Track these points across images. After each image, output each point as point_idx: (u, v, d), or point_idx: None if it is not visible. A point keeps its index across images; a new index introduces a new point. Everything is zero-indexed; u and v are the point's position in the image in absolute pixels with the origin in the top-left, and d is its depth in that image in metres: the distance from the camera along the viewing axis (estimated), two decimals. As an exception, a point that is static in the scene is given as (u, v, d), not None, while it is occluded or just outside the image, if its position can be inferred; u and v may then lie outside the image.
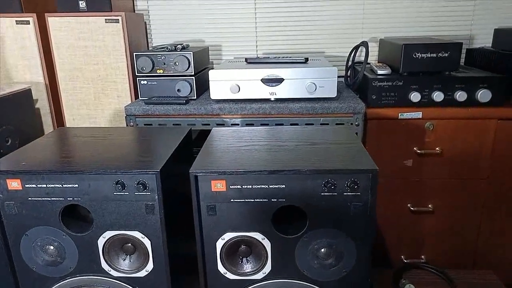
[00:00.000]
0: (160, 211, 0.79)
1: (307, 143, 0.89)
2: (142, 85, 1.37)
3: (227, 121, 1.31)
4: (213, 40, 1.76)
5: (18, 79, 1.48)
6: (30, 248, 0.84)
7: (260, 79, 1.30)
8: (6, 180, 0.80)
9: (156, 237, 0.81)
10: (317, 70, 1.28)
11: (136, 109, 1.31)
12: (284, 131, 1.00)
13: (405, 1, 1.65)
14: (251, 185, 0.77)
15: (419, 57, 1.30)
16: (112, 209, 0.80)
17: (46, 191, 0.80)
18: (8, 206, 0.81)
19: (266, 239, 0.80)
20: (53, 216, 0.82)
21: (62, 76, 1.48)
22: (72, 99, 1.50)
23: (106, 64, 1.46)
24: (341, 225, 0.78)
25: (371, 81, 1.32)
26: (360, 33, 1.71)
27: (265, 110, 1.28)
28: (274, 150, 0.86)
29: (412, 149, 1.34)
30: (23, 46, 1.45)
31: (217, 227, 0.80)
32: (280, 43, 1.74)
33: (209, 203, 0.78)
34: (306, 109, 1.27)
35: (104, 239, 0.82)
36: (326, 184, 0.75)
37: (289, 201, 0.77)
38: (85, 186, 0.79)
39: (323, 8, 1.68)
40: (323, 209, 0.77)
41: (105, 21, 1.41)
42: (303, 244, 0.80)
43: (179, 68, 1.35)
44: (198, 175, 0.76)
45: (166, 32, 1.75)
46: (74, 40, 1.43)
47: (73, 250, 0.84)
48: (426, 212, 1.40)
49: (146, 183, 0.78)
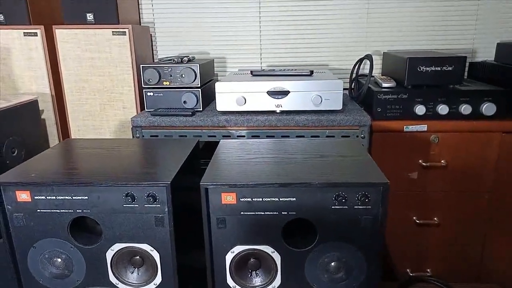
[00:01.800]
0: (170, 223, 0.79)
1: (316, 156, 0.89)
2: (148, 97, 1.38)
3: (233, 133, 1.31)
4: (218, 52, 1.78)
5: (24, 90, 1.49)
6: (37, 261, 0.84)
7: (266, 92, 1.31)
8: (15, 192, 0.79)
9: (165, 249, 0.81)
10: (322, 83, 1.29)
11: (143, 121, 1.32)
12: (291, 144, 1.00)
13: (408, 15, 1.67)
14: (262, 197, 0.77)
15: (424, 70, 1.31)
16: (121, 221, 0.80)
17: (56, 203, 0.80)
18: (16, 218, 0.81)
19: (276, 252, 0.80)
20: (62, 228, 0.81)
21: (68, 87, 1.48)
22: (77, 110, 1.51)
23: (112, 75, 1.47)
24: (351, 239, 0.78)
25: (376, 94, 1.33)
26: (363, 46, 1.73)
27: (271, 122, 1.29)
28: (283, 162, 0.86)
29: (417, 162, 1.34)
30: (30, 57, 1.46)
31: (227, 240, 0.79)
32: (284, 56, 1.76)
33: (219, 215, 0.78)
34: (312, 122, 1.27)
35: (113, 251, 0.82)
36: (337, 197, 0.75)
37: (299, 214, 0.77)
38: (95, 198, 0.79)
39: (327, 21, 1.70)
40: (333, 223, 0.77)
41: (112, 33, 1.43)
42: (313, 258, 0.80)
43: (185, 80, 1.36)
44: (209, 187, 0.76)
45: (171, 44, 1.77)
46: (81, 51, 1.45)
47: (81, 262, 0.83)
48: (432, 225, 1.40)
49: (156, 195, 0.78)
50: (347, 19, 1.69)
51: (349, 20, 1.70)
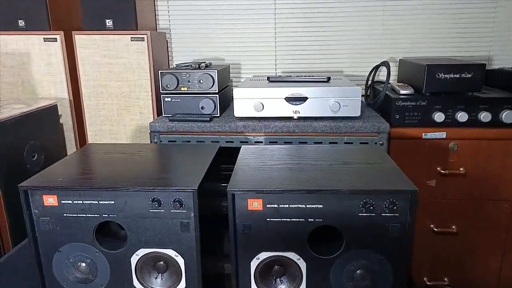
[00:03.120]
0: (196, 229, 0.79)
1: (340, 163, 0.89)
2: (166, 102, 1.39)
3: (251, 139, 1.31)
4: (233, 58, 1.78)
5: (43, 95, 1.50)
6: (62, 265, 0.84)
7: (284, 98, 1.31)
8: (42, 196, 0.80)
9: (190, 255, 0.81)
10: (341, 89, 1.29)
11: (161, 126, 1.32)
12: (314, 150, 1.00)
13: (423, 22, 1.67)
14: (288, 204, 0.76)
15: (442, 77, 1.31)
16: (146, 226, 0.80)
17: (82, 207, 0.80)
18: (43, 222, 0.81)
19: (301, 260, 0.79)
20: (87, 233, 0.81)
21: (86, 93, 1.50)
22: (95, 115, 1.52)
23: (130, 81, 1.48)
24: (378, 247, 0.77)
25: (394, 101, 1.32)
26: (378, 53, 1.73)
27: (289, 128, 1.29)
28: (308, 169, 0.86)
29: (435, 169, 1.33)
30: (50, 62, 1.48)
31: (252, 246, 0.79)
32: (299, 62, 1.77)
33: (245, 222, 0.78)
34: (330, 128, 1.27)
35: (137, 256, 0.82)
36: (364, 204, 0.75)
37: (326, 221, 0.77)
38: (121, 203, 0.79)
39: (342, 28, 1.71)
40: (360, 230, 0.77)
41: (131, 39, 1.44)
42: (339, 266, 0.79)
43: (203, 86, 1.36)
44: (235, 193, 0.76)
45: (186, 50, 1.78)
46: (99, 57, 1.46)
47: (105, 267, 0.83)
48: (449, 233, 1.39)
49: (183, 200, 0.78)
50: (362, 26, 1.70)
51: (364, 27, 1.70)
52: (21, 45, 1.46)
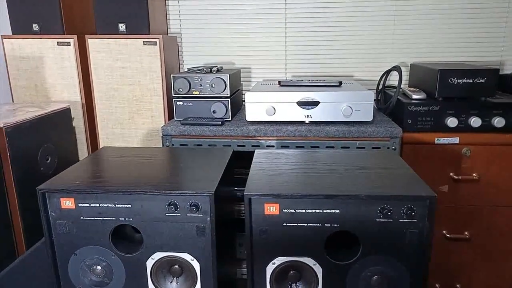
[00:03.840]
0: (212, 233, 0.79)
1: (356, 168, 0.88)
2: (178, 106, 1.39)
3: (262, 143, 1.31)
4: (243, 62, 1.79)
5: (56, 98, 1.52)
6: (78, 268, 0.84)
7: (296, 102, 1.31)
8: (60, 199, 0.80)
9: (206, 259, 0.81)
10: (353, 94, 1.28)
11: (173, 130, 1.33)
12: (328, 154, 1.00)
13: (435, 26, 1.67)
14: (305, 209, 0.76)
15: (455, 82, 1.30)
16: (162, 230, 0.80)
17: (99, 210, 0.80)
18: (60, 224, 0.82)
19: (317, 265, 0.79)
20: (103, 236, 0.82)
21: (99, 96, 1.51)
22: (107, 119, 1.53)
23: (142, 84, 1.49)
24: (396, 253, 0.77)
25: (406, 106, 1.32)
26: (388, 57, 1.72)
27: (301, 132, 1.29)
28: (324, 174, 0.85)
29: (448, 175, 1.33)
30: (63, 66, 1.49)
31: (268, 251, 0.79)
32: (309, 67, 1.77)
33: (261, 226, 0.78)
34: (343, 133, 1.27)
35: (153, 260, 0.82)
36: (382, 210, 0.74)
37: (343, 226, 0.76)
38: (138, 206, 0.80)
39: (352, 33, 1.71)
40: (378, 236, 0.76)
41: (143, 43, 1.45)
42: (355, 271, 0.79)
43: (215, 90, 1.37)
44: (252, 197, 0.76)
45: (196, 54, 1.79)
46: (112, 61, 1.47)
47: (120, 271, 0.83)
48: (462, 240, 1.37)
49: (199, 204, 0.78)
50: (372, 31, 1.70)
51: (374, 31, 1.70)
52: (35, 49, 1.48)
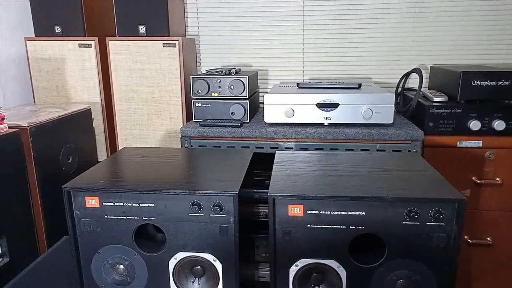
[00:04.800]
0: (235, 234, 0.78)
1: (379, 170, 0.87)
2: (197, 108, 1.40)
3: (281, 145, 1.31)
4: (260, 64, 1.79)
5: (76, 99, 1.54)
6: (100, 267, 0.85)
7: (315, 104, 1.30)
8: (85, 198, 0.81)
9: (228, 260, 0.80)
10: (373, 96, 1.27)
11: (191, 131, 1.33)
12: (349, 156, 0.99)
13: (454, 28, 1.64)
14: (330, 211, 0.75)
15: (478, 85, 1.28)
16: (185, 230, 0.80)
17: (123, 209, 0.81)
18: (84, 223, 0.82)
19: (341, 268, 0.78)
20: (127, 235, 0.82)
21: (118, 97, 1.52)
22: (126, 120, 1.54)
23: (161, 86, 1.50)
24: (422, 257, 0.75)
25: (428, 108, 1.30)
26: (407, 60, 1.70)
27: (320, 134, 1.28)
28: (348, 175, 0.84)
29: (470, 179, 1.30)
30: (84, 67, 1.51)
31: (292, 252, 0.78)
32: (327, 69, 1.76)
33: (285, 227, 0.77)
34: (362, 135, 1.26)
35: (176, 260, 0.82)
36: (409, 212, 0.73)
37: (368, 229, 0.75)
38: (161, 206, 0.80)
39: (371, 35, 1.69)
40: (404, 239, 0.75)
41: (163, 45, 1.46)
42: (380, 275, 0.77)
43: (234, 92, 1.37)
44: (276, 198, 0.76)
45: (214, 56, 1.80)
46: (132, 63, 1.49)
47: (143, 270, 0.83)
48: (484, 245, 1.34)
49: (223, 205, 0.78)
50: (391, 33, 1.68)
51: (393, 34, 1.68)
52: (57, 51, 1.50)
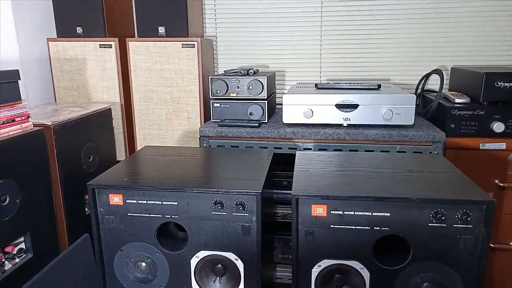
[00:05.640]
0: (258, 233, 0.78)
1: (403, 171, 0.86)
2: (215, 108, 1.40)
3: (299, 145, 1.30)
4: (277, 65, 1.79)
5: (97, 99, 1.56)
6: (123, 264, 0.85)
7: (334, 105, 1.29)
8: (109, 195, 0.82)
9: (250, 259, 0.80)
10: (394, 97, 1.26)
11: (210, 131, 1.34)
12: (372, 157, 0.98)
13: (475, 28, 1.62)
14: (354, 211, 0.75)
15: (501, 86, 1.26)
16: (208, 228, 0.80)
17: (146, 207, 0.81)
18: (107, 220, 0.83)
19: (365, 269, 0.77)
20: (149, 233, 0.83)
21: (137, 98, 1.54)
22: (144, 119, 1.56)
23: (179, 86, 1.51)
24: (448, 260, 0.74)
25: (449, 110, 1.28)
26: (425, 61, 1.68)
27: (339, 135, 1.27)
28: (370, 176, 0.84)
29: (493, 182, 1.27)
30: (104, 68, 1.53)
31: (314, 253, 0.78)
32: (344, 70, 1.75)
33: (308, 227, 0.77)
34: (382, 136, 1.24)
35: (197, 258, 0.82)
36: (435, 214, 0.72)
37: (393, 230, 0.74)
38: (184, 204, 0.80)
39: (389, 36, 1.68)
40: (429, 241, 0.74)
41: (182, 46, 1.47)
42: (405, 277, 0.76)
43: (252, 92, 1.37)
44: (299, 198, 0.75)
45: (231, 57, 1.80)
46: (151, 63, 1.50)
47: (165, 268, 0.84)
48: (507, 250, 1.31)
49: (245, 204, 0.78)
50: (410, 33, 1.66)
51: (412, 34, 1.66)
52: (78, 51, 1.53)
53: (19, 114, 0.98)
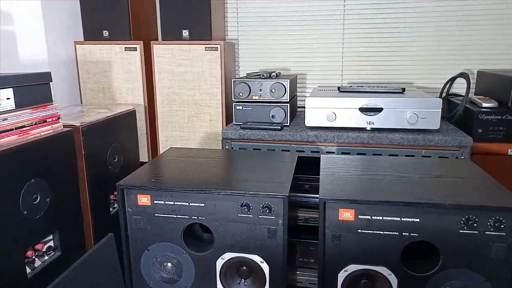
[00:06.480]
0: (284, 236, 0.78)
1: (432, 176, 0.85)
2: (238, 110, 1.41)
3: (322, 149, 1.30)
4: (297, 68, 1.79)
5: (121, 101, 1.59)
6: (149, 264, 0.87)
7: (357, 108, 1.28)
8: (137, 196, 0.83)
9: (276, 262, 0.80)
10: (419, 101, 1.24)
11: (232, 133, 1.34)
12: (398, 162, 0.97)
13: (501, 31, 1.58)
14: (382, 216, 0.74)
15: (532, 90, 1.22)
16: (234, 230, 0.81)
17: (173, 208, 0.82)
18: (135, 220, 0.85)
19: (392, 275, 0.76)
20: (176, 234, 0.83)
21: (160, 100, 1.56)
22: (167, 121, 1.58)
23: (202, 89, 1.52)
24: (480, 268, 0.72)
25: (476, 114, 1.25)
26: (450, 64, 1.65)
27: (362, 139, 1.26)
28: (398, 181, 0.82)
29: (522, 188, 1.24)
30: (129, 70, 1.56)
31: (341, 257, 0.77)
32: (366, 73, 1.73)
33: (335, 231, 0.76)
34: (407, 140, 1.23)
35: (223, 260, 0.83)
36: (467, 221, 0.71)
37: (422, 236, 0.73)
38: (211, 205, 0.81)
39: (413, 38, 1.66)
40: (460, 248, 0.72)
41: (205, 49, 1.49)
42: (433, 284, 0.75)
43: (275, 95, 1.37)
44: (327, 201, 0.75)
45: (252, 60, 1.81)
46: (174, 66, 1.52)
47: (190, 269, 0.85)
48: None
49: (272, 206, 0.78)
50: (434, 37, 1.63)
51: (436, 37, 1.64)
52: (104, 54, 1.56)
53: (50, 115, 1.01)
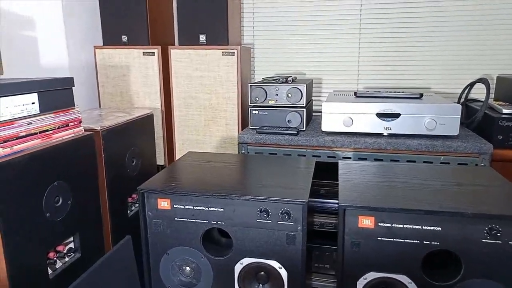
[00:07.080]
0: (303, 242, 0.78)
1: (452, 183, 0.84)
2: (254, 115, 1.42)
3: (339, 154, 1.29)
4: (313, 72, 1.79)
5: (138, 104, 1.61)
6: (168, 267, 0.87)
7: (375, 113, 1.27)
8: (157, 200, 0.84)
9: (294, 268, 0.80)
10: (437, 107, 1.23)
11: (249, 138, 1.35)
12: (418, 169, 0.96)
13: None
14: (403, 224, 0.73)
15: (554, 96, 1.20)
16: (253, 236, 0.81)
17: (192, 213, 0.83)
18: (155, 224, 0.86)
19: (413, 284, 0.75)
20: (195, 238, 0.84)
21: (177, 104, 1.58)
22: (183, 125, 1.59)
23: (218, 93, 1.54)
24: (503, 278, 0.71)
25: (497, 120, 1.23)
26: (468, 69, 1.63)
27: (380, 145, 1.25)
28: (419, 188, 0.82)
29: (544, 197, 1.21)
30: (146, 74, 1.58)
31: (360, 265, 0.77)
32: (383, 78, 1.72)
33: (354, 239, 0.76)
34: (426, 146, 1.21)
35: (241, 265, 0.83)
36: (490, 230, 0.70)
37: (444, 245, 0.72)
38: (230, 211, 0.81)
39: (431, 43, 1.64)
40: (483, 258, 0.71)
41: (222, 54, 1.50)
42: (455, 294, 0.74)
43: (291, 100, 1.37)
44: (347, 208, 0.75)
45: (268, 64, 1.82)
46: (191, 70, 1.54)
47: (209, 273, 0.85)
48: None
49: (291, 212, 0.78)
50: (452, 41, 1.62)
51: (454, 42, 1.62)
52: (123, 59, 1.59)
53: (72, 119, 1.03)
